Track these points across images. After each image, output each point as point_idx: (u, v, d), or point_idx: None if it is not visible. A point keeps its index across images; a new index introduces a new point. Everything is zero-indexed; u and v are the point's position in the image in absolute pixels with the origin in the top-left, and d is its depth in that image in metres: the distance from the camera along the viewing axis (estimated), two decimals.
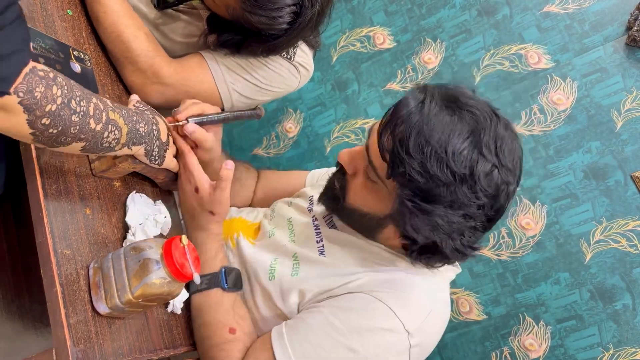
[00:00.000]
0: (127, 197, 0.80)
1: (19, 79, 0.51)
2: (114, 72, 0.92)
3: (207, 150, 0.85)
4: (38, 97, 0.53)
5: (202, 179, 0.83)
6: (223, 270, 0.82)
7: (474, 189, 0.68)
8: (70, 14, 0.87)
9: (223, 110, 0.98)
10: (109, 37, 0.89)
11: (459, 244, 0.73)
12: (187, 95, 0.95)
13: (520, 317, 1.41)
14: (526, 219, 1.46)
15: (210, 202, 0.83)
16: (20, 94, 0.51)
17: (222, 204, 0.83)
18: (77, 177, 0.73)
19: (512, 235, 1.47)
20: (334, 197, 0.83)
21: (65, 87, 0.56)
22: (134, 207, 0.79)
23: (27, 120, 0.53)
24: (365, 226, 0.81)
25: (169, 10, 1.01)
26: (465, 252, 0.75)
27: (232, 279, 0.83)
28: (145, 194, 0.85)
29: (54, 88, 0.54)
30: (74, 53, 0.80)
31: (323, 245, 0.84)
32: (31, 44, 0.70)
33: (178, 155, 0.85)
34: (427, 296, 0.78)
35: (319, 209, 0.92)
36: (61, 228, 0.66)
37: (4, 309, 0.88)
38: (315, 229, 0.88)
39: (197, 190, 0.83)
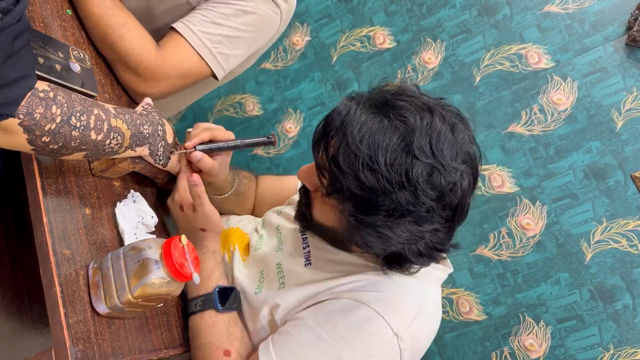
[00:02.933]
0: (114, 210, 0.78)
1: (23, 102, 0.53)
2: (113, 72, 0.92)
3: (213, 176, 0.85)
4: (37, 118, 0.54)
5: (185, 197, 0.82)
6: (217, 290, 0.81)
7: (415, 194, 0.64)
8: (70, 13, 0.86)
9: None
10: (96, 39, 0.89)
11: (422, 248, 0.71)
12: (181, 79, 0.95)
13: (521, 317, 1.41)
14: (526, 219, 1.46)
15: (195, 220, 0.83)
16: (21, 116, 0.53)
17: (208, 219, 0.83)
18: (76, 176, 0.73)
19: (512, 235, 1.46)
20: (302, 214, 0.81)
21: (65, 105, 0.58)
22: (126, 225, 0.77)
23: (27, 139, 0.55)
24: (334, 240, 0.80)
25: None
26: (432, 255, 0.73)
27: (230, 299, 0.81)
28: (144, 194, 0.85)
29: (54, 107, 0.56)
30: (74, 53, 0.80)
31: (309, 252, 0.83)
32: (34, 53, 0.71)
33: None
34: (415, 297, 0.76)
35: None
36: (60, 228, 0.66)
37: (4, 308, 0.88)
38: (302, 235, 0.87)
39: (181, 208, 0.83)
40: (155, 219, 0.82)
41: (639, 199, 1.37)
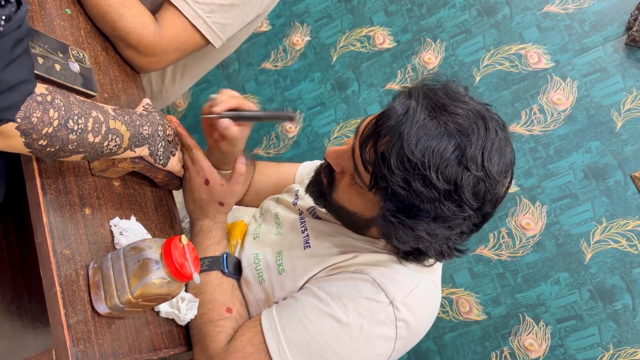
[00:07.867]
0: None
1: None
2: (112, 71, 0.92)
3: (233, 145, 0.86)
4: (34, 122, 0.54)
5: (212, 171, 0.86)
6: (225, 255, 0.84)
7: (459, 203, 0.66)
8: (69, 13, 0.86)
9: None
10: (96, 17, 0.91)
11: (445, 248, 0.73)
12: (178, 52, 0.97)
13: (520, 317, 1.41)
14: (526, 219, 1.46)
15: (222, 193, 0.86)
16: (18, 120, 0.53)
17: (234, 195, 0.87)
18: (76, 176, 0.73)
19: (512, 235, 1.46)
20: (321, 193, 0.83)
21: (63, 109, 0.58)
22: (124, 241, 0.77)
23: (24, 142, 0.55)
24: (352, 224, 0.82)
25: None
26: (451, 254, 0.75)
27: (232, 266, 0.84)
28: (144, 193, 0.85)
29: (51, 111, 0.56)
30: (73, 52, 0.80)
31: (308, 235, 0.85)
32: (31, 48, 0.71)
33: (185, 150, 0.87)
34: (413, 273, 0.77)
35: (304, 202, 0.93)
36: (60, 228, 0.66)
37: (4, 308, 0.88)
38: (301, 221, 0.89)
39: (207, 182, 0.85)
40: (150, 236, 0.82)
41: (639, 199, 1.37)
